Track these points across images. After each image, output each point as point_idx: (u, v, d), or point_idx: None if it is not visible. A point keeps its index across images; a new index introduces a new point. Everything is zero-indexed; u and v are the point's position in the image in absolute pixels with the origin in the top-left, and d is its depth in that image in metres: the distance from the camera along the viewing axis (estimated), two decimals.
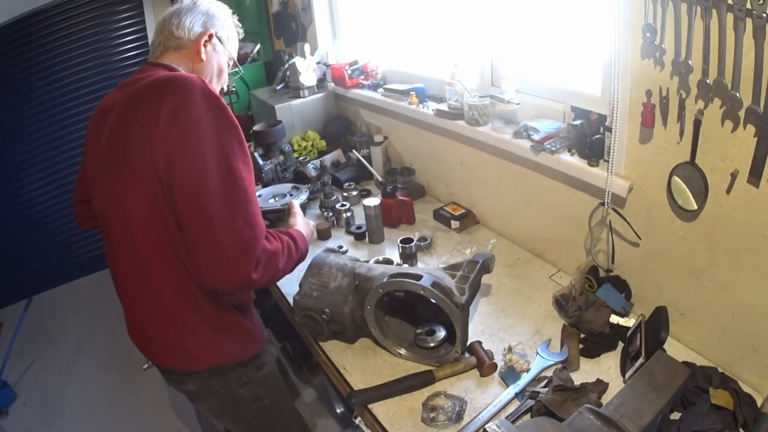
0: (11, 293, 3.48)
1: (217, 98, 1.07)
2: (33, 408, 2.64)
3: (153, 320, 1.21)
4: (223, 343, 1.24)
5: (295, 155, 2.43)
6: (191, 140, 1.02)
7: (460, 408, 1.18)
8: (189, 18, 1.23)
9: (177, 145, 1.02)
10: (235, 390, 1.32)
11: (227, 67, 1.35)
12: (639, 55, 1.18)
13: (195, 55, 1.23)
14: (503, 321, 1.47)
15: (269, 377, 1.41)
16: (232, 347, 1.26)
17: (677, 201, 1.21)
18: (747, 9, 0.93)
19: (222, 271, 1.03)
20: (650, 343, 1.21)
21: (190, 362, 1.25)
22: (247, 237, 1.03)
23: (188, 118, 1.02)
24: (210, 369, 1.26)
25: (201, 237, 1.02)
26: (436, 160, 2.11)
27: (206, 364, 1.25)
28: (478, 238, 1.87)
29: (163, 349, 1.26)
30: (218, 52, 1.29)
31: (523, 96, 1.63)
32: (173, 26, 1.22)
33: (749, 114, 1.00)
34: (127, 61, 3.34)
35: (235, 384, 1.31)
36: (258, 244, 1.05)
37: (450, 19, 1.91)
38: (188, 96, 1.03)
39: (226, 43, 1.31)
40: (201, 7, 1.26)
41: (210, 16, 1.26)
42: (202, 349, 1.23)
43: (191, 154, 1.02)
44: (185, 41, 1.22)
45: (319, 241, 1.95)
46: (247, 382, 1.33)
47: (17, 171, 3.34)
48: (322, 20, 2.65)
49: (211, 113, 1.04)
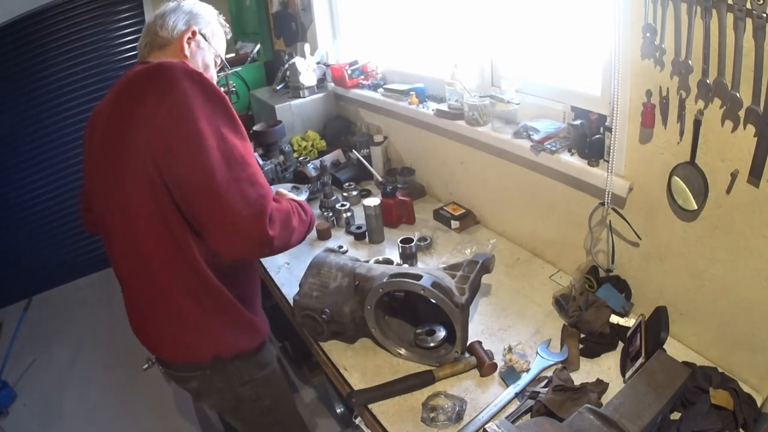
0: (11, 293, 3.48)
1: (200, 74, 1.08)
2: (33, 408, 2.64)
3: (154, 315, 1.22)
4: (221, 333, 1.25)
5: (295, 155, 2.43)
6: (179, 115, 1.03)
7: (460, 408, 1.18)
8: (173, 17, 1.26)
9: (171, 124, 1.03)
10: (236, 388, 1.33)
11: (214, 65, 1.36)
12: (639, 55, 1.18)
13: (179, 52, 1.25)
14: (503, 321, 1.47)
15: (272, 377, 1.41)
16: (231, 337, 1.26)
17: (677, 201, 1.21)
18: (747, 9, 0.93)
19: (239, 233, 1.04)
20: (650, 343, 1.21)
21: (190, 355, 1.26)
22: (254, 197, 1.05)
23: (175, 97, 1.04)
24: (210, 362, 1.26)
25: (210, 207, 1.03)
26: (436, 160, 2.11)
27: (206, 355, 1.25)
28: (478, 238, 1.87)
29: (164, 343, 1.27)
30: (203, 48, 1.30)
31: (523, 96, 1.63)
32: (157, 27, 1.25)
33: (749, 114, 1.00)
34: (127, 61, 3.34)
35: (236, 382, 1.32)
36: (265, 201, 1.07)
37: (450, 19, 1.91)
38: (170, 77, 1.05)
39: (211, 40, 1.32)
40: (185, 7, 1.29)
41: (193, 15, 1.29)
42: (201, 340, 1.23)
43: (187, 131, 1.03)
44: (169, 39, 1.25)
45: (319, 241, 1.95)
46: (248, 380, 1.33)
47: (17, 171, 3.34)
48: (322, 20, 2.65)
49: (195, 87, 1.06)
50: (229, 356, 1.28)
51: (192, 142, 1.03)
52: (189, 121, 1.03)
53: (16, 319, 3.01)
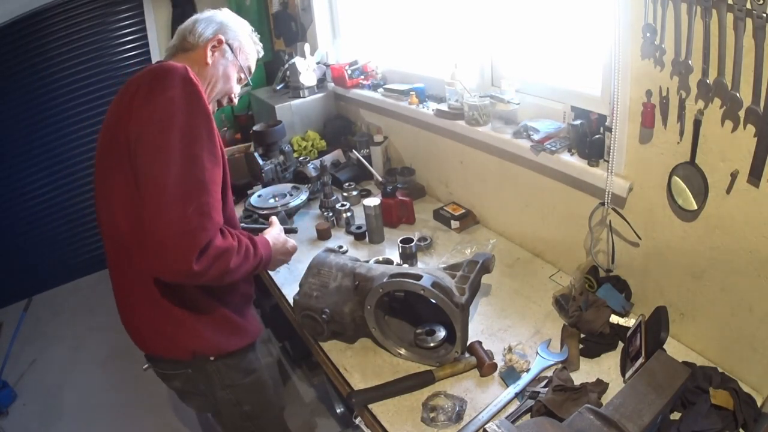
0: (11, 293, 3.48)
1: (195, 85, 1.08)
2: (33, 408, 2.64)
3: (138, 307, 1.23)
4: (203, 331, 1.25)
5: (295, 155, 2.43)
6: (159, 118, 1.03)
7: (460, 408, 1.18)
8: (203, 25, 1.29)
9: (145, 122, 1.04)
10: (217, 391, 1.33)
11: (237, 79, 1.37)
12: (639, 55, 1.18)
13: (202, 58, 1.27)
14: (503, 321, 1.47)
15: (256, 384, 1.40)
16: (212, 336, 1.26)
17: (677, 201, 1.21)
18: (747, 9, 0.93)
19: (160, 256, 1.00)
20: (650, 343, 1.21)
21: (171, 349, 1.26)
22: (194, 226, 1.00)
23: (161, 99, 1.04)
24: (191, 359, 1.26)
25: (148, 217, 1.01)
26: (436, 160, 2.11)
27: (186, 351, 1.25)
28: (478, 238, 1.87)
29: (148, 336, 1.28)
30: (227, 59, 1.31)
31: (523, 96, 1.63)
32: (187, 31, 1.29)
33: (749, 114, 1.00)
34: (127, 61, 3.34)
35: (217, 385, 1.32)
36: (204, 235, 1.02)
37: (450, 19, 1.91)
38: (166, 79, 1.06)
39: (237, 53, 1.34)
40: (217, 17, 1.32)
41: (223, 26, 1.32)
42: (182, 335, 1.23)
43: (156, 131, 1.03)
44: (195, 44, 1.27)
45: (319, 241, 1.96)
46: (230, 385, 1.33)
47: (17, 171, 3.34)
48: (322, 20, 2.66)
49: (185, 97, 1.05)
50: (210, 355, 1.27)
51: (156, 150, 1.02)
52: (163, 129, 1.02)
53: (16, 319, 3.01)
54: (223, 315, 1.28)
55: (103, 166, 1.17)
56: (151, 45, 3.35)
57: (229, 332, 1.30)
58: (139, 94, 1.06)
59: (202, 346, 1.26)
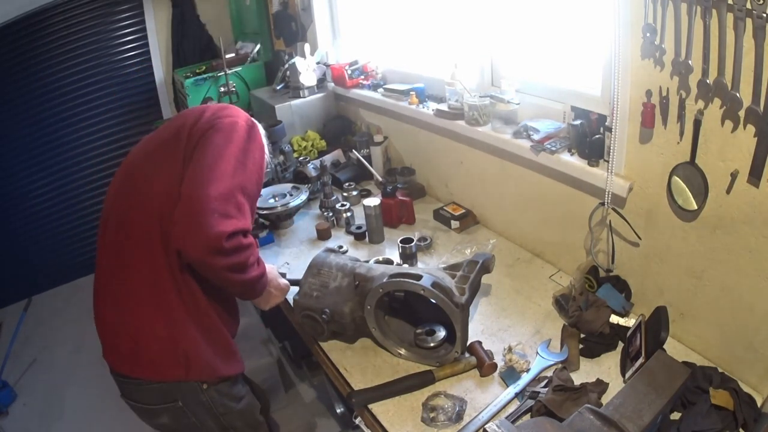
0: (11, 293, 3.47)
1: (257, 125, 1.30)
2: (33, 408, 2.64)
3: (139, 308, 1.24)
4: (204, 352, 1.23)
5: (295, 155, 2.42)
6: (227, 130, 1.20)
7: (460, 408, 1.18)
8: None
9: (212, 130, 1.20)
10: (207, 421, 1.30)
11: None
12: (639, 55, 1.18)
13: None
14: (503, 321, 1.47)
15: (249, 406, 1.39)
16: (212, 357, 1.24)
17: (677, 201, 1.21)
18: (747, 9, 0.93)
19: (201, 220, 1.05)
20: (650, 343, 1.21)
21: (164, 357, 1.21)
22: (233, 212, 1.09)
23: (229, 121, 1.23)
24: (182, 374, 1.22)
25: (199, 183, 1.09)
26: (436, 160, 2.11)
27: (179, 366, 1.21)
28: (478, 238, 1.87)
29: (144, 343, 1.22)
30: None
31: (523, 96, 1.63)
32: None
33: (749, 114, 1.00)
34: (127, 61, 3.34)
35: (210, 414, 1.29)
36: (239, 222, 1.10)
37: (450, 19, 1.91)
38: (235, 109, 1.29)
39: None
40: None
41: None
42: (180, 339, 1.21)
43: (221, 138, 1.18)
44: None
45: (319, 241, 1.95)
46: (223, 413, 1.31)
47: (17, 171, 3.34)
48: (322, 20, 2.65)
49: (247, 128, 1.24)
50: (204, 378, 1.24)
51: (216, 149, 1.16)
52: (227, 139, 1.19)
53: (16, 319, 3.01)
54: (225, 337, 1.28)
55: (153, 161, 1.25)
56: (151, 45, 3.35)
57: (226, 356, 1.29)
58: (210, 109, 1.26)
59: (199, 364, 1.22)
